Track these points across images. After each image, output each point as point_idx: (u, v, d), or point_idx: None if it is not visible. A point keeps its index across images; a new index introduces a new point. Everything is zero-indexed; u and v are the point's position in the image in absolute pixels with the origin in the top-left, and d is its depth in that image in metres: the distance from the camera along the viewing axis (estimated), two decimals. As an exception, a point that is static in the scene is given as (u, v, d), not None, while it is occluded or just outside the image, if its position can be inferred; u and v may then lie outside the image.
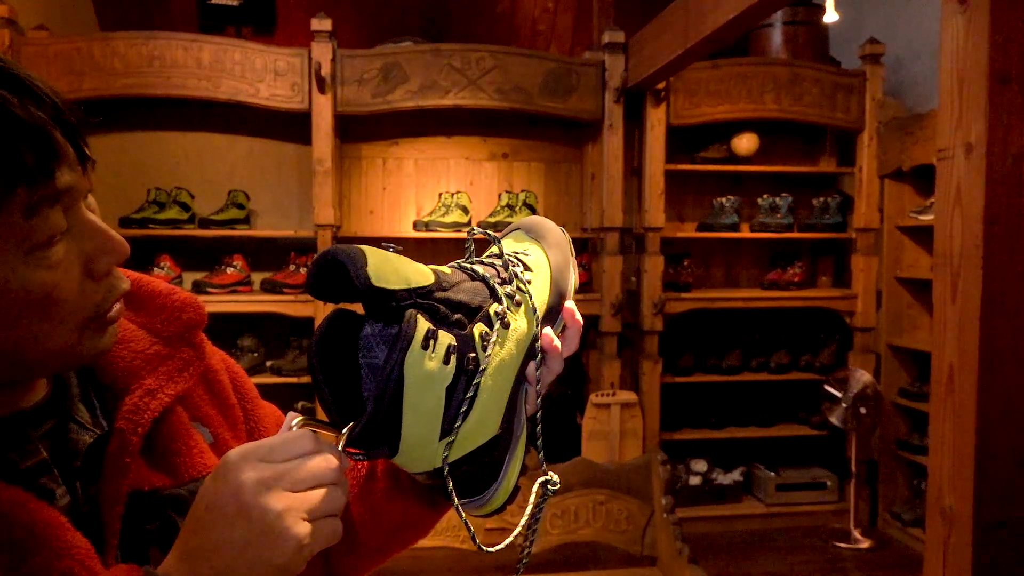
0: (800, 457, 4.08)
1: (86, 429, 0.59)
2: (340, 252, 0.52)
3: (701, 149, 3.94)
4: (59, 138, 0.51)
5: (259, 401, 0.76)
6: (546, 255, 0.71)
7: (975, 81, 1.38)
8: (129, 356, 0.63)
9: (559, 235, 0.74)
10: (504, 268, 0.65)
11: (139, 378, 0.62)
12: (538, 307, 0.64)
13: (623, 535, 2.57)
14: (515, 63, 3.49)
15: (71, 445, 0.57)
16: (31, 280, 0.50)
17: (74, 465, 0.57)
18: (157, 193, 3.45)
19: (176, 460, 0.62)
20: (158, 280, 0.69)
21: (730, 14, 2.47)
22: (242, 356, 3.52)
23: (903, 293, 3.82)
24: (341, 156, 3.66)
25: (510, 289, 0.63)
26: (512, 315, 0.61)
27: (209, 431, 0.68)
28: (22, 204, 0.49)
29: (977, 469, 1.37)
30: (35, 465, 0.55)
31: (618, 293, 3.60)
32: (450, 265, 0.64)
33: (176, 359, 0.65)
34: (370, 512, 0.72)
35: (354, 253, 0.52)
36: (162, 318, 0.66)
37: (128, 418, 0.59)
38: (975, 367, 1.38)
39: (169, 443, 0.62)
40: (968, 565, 1.38)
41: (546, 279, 0.68)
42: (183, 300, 0.68)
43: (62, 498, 0.55)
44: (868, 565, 3.47)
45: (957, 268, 1.42)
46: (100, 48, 3.22)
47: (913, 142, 3.54)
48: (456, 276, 0.61)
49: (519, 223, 0.76)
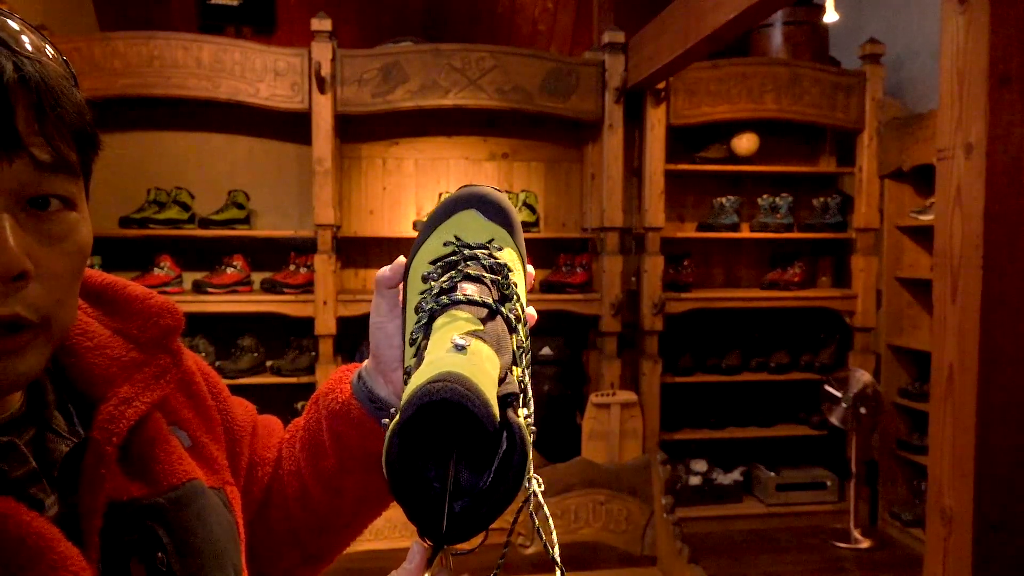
0: (800, 457, 4.08)
1: (63, 437, 0.57)
2: (460, 396, 0.45)
3: (701, 149, 3.94)
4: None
5: (232, 399, 0.75)
6: (513, 244, 0.64)
7: (975, 81, 1.38)
8: (104, 363, 0.61)
9: (514, 209, 0.66)
10: (505, 286, 0.58)
11: (114, 386, 0.60)
12: (524, 301, 0.60)
13: (623, 535, 2.57)
14: (515, 63, 3.49)
15: (49, 455, 0.56)
16: None
17: (53, 475, 0.55)
18: (157, 193, 3.45)
19: (154, 467, 0.60)
20: (133, 284, 0.66)
21: (730, 14, 2.47)
22: (242, 356, 3.52)
23: (903, 293, 3.82)
24: (341, 156, 3.66)
25: (515, 308, 0.57)
26: (522, 331, 0.57)
27: (187, 434, 0.66)
28: None
29: (977, 469, 1.37)
30: (25, 475, 0.53)
31: (618, 293, 3.60)
32: (432, 282, 0.58)
33: (153, 366, 0.63)
34: (327, 490, 0.72)
35: (477, 397, 0.45)
36: (138, 324, 0.64)
37: (103, 427, 0.57)
38: (975, 367, 1.38)
39: (147, 450, 0.60)
40: (968, 565, 1.38)
41: (520, 268, 0.63)
42: (160, 305, 0.66)
43: (51, 507, 0.54)
44: (868, 565, 3.47)
45: (957, 268, 1.42)
46: (100, 48, 3.22)
47: (913, 142, 3.54)
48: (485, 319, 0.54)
49: (462, 197, 0.65)
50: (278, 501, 0.76)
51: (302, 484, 0.74)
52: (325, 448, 0.71)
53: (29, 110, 0.48)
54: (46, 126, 0.49)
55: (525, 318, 0.59)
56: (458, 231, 0.63)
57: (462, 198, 0.65)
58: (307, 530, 0.75)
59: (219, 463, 0.68)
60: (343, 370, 0.75)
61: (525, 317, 0.59)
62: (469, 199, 0.65)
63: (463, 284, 0.57)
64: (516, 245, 0.64)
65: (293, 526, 0.76)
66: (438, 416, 0.47)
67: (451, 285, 0.57)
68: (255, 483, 0.76)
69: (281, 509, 0.76)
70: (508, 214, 0.65)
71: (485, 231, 0.63)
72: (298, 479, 0.75)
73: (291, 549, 0.76)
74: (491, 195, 0.65)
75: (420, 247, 0.64)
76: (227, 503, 0.66)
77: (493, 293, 0.57)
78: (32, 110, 0.48)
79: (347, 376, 0.73)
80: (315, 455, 0.73)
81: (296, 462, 0.75)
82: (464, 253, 0.60)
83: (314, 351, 3.50)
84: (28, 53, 0.49)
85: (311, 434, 0.74)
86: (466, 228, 0.63)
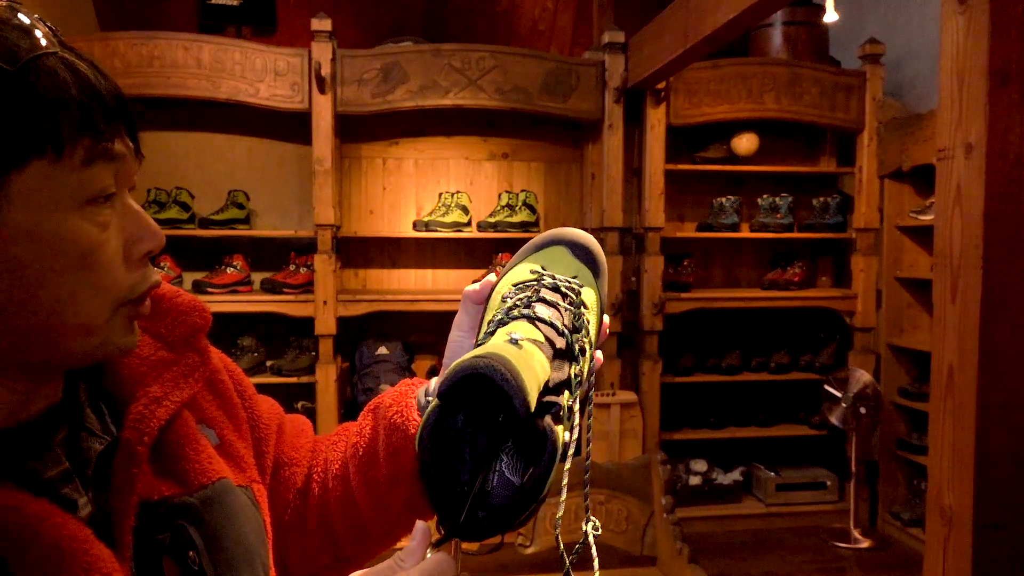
0: (800, 457, 4.08)
1: (96, 436, 0.58)
2: (496, 373, 0.47)
3: (701, 149, 3.94)
4: (120, 112, 0.54)
5: (257, 397, 0.75)
6: (595, 287, 0.67)
7: (975, 81, 1.38)
8: (134, 362, 0.62)
9: (604, 258, 0.69)
10: (577, 316, 0.60)
11: (144, 385, 0.61)
12: (593, 342, 0.62)
13: (623, 535, 2.57)
14: (515, 63, 3.49)
15: (83, 453, 0.56)
16: (80, 232, 0.51)
17: (87, 474, 0.56)
18: (157, 193, 3.45)
19: (184, 466, 0.61)
20: (162, 283, 0.68)
21: (730, 14, 2.47)
22: (242, 356, 3.52)
23: (903, 293, 3.82)
24: (341, 156, 3.66)
25: (580, 340, 0.59)
26: (584, 365, 0.58)
27: (215, 433, 0.67)
28: (84, 152, 0.51)
29: (977, 469, 1.38)
30: (58, 475, 0.54)
31: (618, 293, 3.60)
32: (509, 300, 0.60)
33: (181, 365, 0.64)
34: (374, 500, 0.71)
35: (514, 379, 0.47)
36: (167, 323, 0.65)
37: (134, 427, 0.58)
38: (975, 367, 1.38)
39: (177, 450, 0.61)
40: (968, 565, 1.38)
41: (596, 311, 0.65)
42: (188, 304, 0.67)
43: (84, 507, 0.54)
44: (868, 565, 3.47)
45: (957, 268, 1.42)
46: (100, 48, 3.22)
47: (913, 142, 3.54)
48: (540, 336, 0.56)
49: (558, 235, 0.69)
50: (319, 503, 0.76)
51: (347, 490, 0.74)
52: (379, 459, 0.71)
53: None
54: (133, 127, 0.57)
55: (592, 355, 0.60)
56: (546, 263, 0.66)
57: (557, 236, 0.69)
58: (345, 534, 0.75)
59: (246, 461, 0.69)
60: (407, 383, 0.74)
61: (592, 354, 0.60)
62: (563, 237, 0.69)
63: (537, 304, 0.59)
64: (598, 288, 0.67)
65: (332, 529, 0.75)
66: (478, 399, 0.49)
67: (526, 304, 0.59)
68: (282, 483, 0.76)
69: (321, 511, 0.75)
70: (596, 259, 0.68)
71: (571, 268, 0.66)
72: (343, 484, 0.74)
73: (326, 550, 0.76)
74: (584, 237, 0.69)
75: (508, 272, 0.67)
76: (255, 501, 0.67)
77: (565, 319, 0.58)
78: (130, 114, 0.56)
79: (411, 391, 0.72)
80: (367, 464, 0.72)
81: (344, 467, 0.74)
82: (545, 281, 0.62)
83: (314, 351, 3.50)
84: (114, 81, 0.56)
85: (366, 442, 0.73)
86: (554, 262, 0.67)
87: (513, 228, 3.64)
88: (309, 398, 3.56)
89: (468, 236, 3.66)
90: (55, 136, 0.49)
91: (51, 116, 0.49)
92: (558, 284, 0.62)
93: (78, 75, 0.51)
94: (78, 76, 0.51)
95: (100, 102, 0.52)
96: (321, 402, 3.39)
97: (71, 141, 0.50)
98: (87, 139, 0.51)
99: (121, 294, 0.55)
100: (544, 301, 0.59)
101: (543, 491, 0.50)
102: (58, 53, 0.51)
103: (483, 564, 2.62)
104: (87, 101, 0.51)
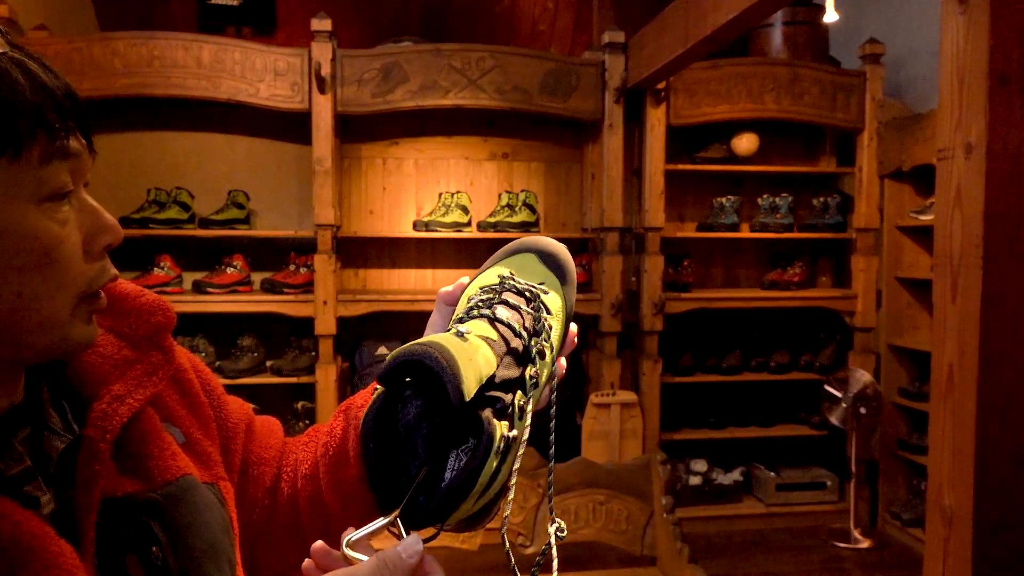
0: (800, 457, 4.08)
1: (58, 435, 0.58)
2: (432, 360, 0.48)
3: (701, 149, 3.94)
4: (73, 110, 0.55)
5: (225, 397, 0.76)
6: (562, 294, 0.68)
7: (975, 81, 1.38)
8: (97, 361, 0.62)
9: (573, 267, 0.71)
10: (537, 320, 0.61)
11: (107, 383, 0.61)
12: (555, 347, 0.63)
13: (623, 535, 2.57)
14: (515, 63, 3.49)
15: (45, 452, 0.57)
16: (39, 228, 0.52)
17: (49, 472, 0.56)
18: (157, 193, 3.44)
19: (148, 464, 0.61)
20: (124, 282, 0.68)
21: (730, 14, 2.47)
22: (242, 356, 3.52)
23: (903, 293, 3.82)
24: (341, 156, 3.66)
25: (539, 343, 0.60)
26: (541, 368, 0.59)
27: (180, 431, 0.67)
28: (40, 151, 0.52)
29: (977, 469, 1.37)
30: (20, 472, 0.54)
31: (618, 293, 3.60)
32: (473, 301, 0.61)
33: (145, 363, 0.64)
34: (344, 499, 0.72)
35: (449, 367, 0.48)
36: (130, 322, 0.65)
37: (97, 425, 0.58)
38: (975, 367, 1.38)
39: (141, 447, 0.61)
40: (968, 565, 1.38)
41: (561, 318, 0.66)
42: (151, 303, 0.67)
43: (47, 505, 0.55)
44: (868, 565, 3.47)
45: (957, 268, 1.42)
46: (100, 48, 3.22)
47: (913, 142, 3.54)
48: (494, 335, 0.57)
49: (528, 243, 0.72)
50: (288, 502, 0.76)
51: (316, 488, 0.74)
52: (348, 459, 0.71)
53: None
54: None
55: (553, 360, 0.61)
56: (515, 269, 0.68)
57: (527, 244, 0.71)
58: (315, 533, 0.75)
59: (212, 459, 0.69)
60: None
61: (553, 359, 0.61)
62: (533, 246, 0.71)
63: (498, 306, 0.60)
64: (564, 297, 0.68)
65: (300, 528, 0.76)
66: (427, 390, 0.50)
67: (488, 305, 0.61)
68: (251, 482, 0.76)
69: (290, 510, 0.76)
70: (564, 267, 0.70)
71: (539, 274, 0.68)
72: (313, 483, 0.74)
73: (294, 549, 0.76)
74: (553, 246, 0.71)
75: (478, 276, 0.69)
76: (221, 498, 0.67)
77: (526, 321, 0.60)
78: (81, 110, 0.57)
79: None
80: (337, 464, 0.72)
81: (314, 467, 0.75)
82: (507, 284, 0.64)
83: (314, 351, 3.49)
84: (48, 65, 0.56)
85: (336, 443, 0.73)
86: (523, 268, 0.69)
87: (513, 228, 3.64)
88: (309, 398, 3.56)
89: (468, 236, 3.66)
90: (12, 136, 0.50)
91: (6, 116, 0.50)
92: (521, 288, 0.63)
93: (30, 75, 0.52)
94: (30, 76, 0.52)
95: (53, 101, 0.53)
96: (321, 402, 3.39)
97: (28, 140, 0.51)
98: (42, 138, 0.52)
99: (81, 289, 0.56)
100: (506, 304, 0.61)
101: (474, 484, 0.50)
102: (8, 54, 0.51)
103: (483, 564, 2.62)
104: (40, 101, 0.52)
